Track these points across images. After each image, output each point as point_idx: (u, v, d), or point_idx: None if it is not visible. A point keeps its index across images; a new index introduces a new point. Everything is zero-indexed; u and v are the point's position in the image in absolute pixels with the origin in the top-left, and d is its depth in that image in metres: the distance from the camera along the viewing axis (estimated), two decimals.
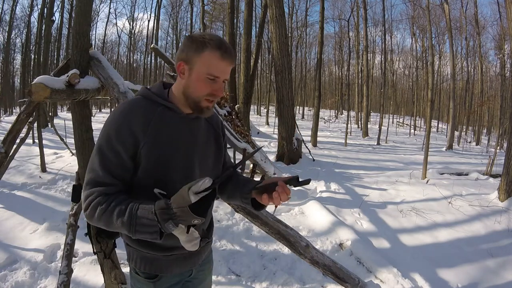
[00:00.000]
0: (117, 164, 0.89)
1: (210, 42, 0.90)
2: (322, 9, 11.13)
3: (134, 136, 0.90)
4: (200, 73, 0.92)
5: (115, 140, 0.89)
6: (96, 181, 0.89)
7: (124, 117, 0.91)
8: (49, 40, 14.33)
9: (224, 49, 0.91)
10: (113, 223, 0.84)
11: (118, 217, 0.83)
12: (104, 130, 0.92)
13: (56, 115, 15.91)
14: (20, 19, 21.56)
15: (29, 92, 2.30)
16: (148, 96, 0.98)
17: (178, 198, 0.79)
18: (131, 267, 1.06)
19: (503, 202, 4.28)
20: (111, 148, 0.89)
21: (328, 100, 30.66)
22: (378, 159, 8.55)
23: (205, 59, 0.90)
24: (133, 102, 0.97)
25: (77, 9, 2.76)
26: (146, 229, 0.81)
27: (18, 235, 3.19)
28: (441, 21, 19.21)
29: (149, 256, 1.01)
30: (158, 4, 22.31)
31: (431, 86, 7.24)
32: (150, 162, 0.92)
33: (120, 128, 0.90)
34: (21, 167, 5.64)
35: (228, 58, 0.92)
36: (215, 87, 0.94)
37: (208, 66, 0.91)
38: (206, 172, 1.04)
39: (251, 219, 2.18)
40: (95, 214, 0.86)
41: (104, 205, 0.85)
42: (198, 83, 0.93)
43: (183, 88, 0.96)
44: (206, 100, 0.95)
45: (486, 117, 18.45)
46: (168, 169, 0.94)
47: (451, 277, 2.73)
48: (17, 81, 26.50)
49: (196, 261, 1.10)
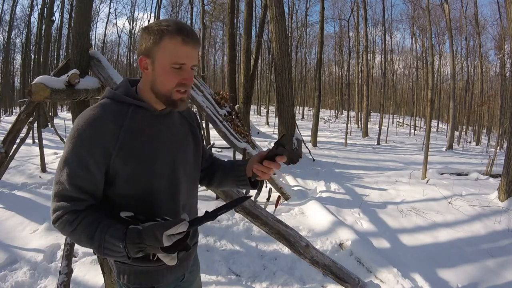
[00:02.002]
0: (85, 178, 0.82)
1: (168, 28, 0.82)
2: (322, 9, 11.13)
3: (104, 147, 0.82)
4: (164, 64, 0.84)
5: (83, 153, 0.81)
6: (63, 194, 0.82)
7: (92, 125, 0.82)
8: (49, 40, 14.33)
9: (185, 33, 0.83)
10: (82, 243, 0.82)
11: (87, 240, 0.80)
12: (71, 140, 0.82)
13: (56, 115, 15.90)
14: (20, 19, 21.57)
15: (29, 92, 2.30)
16: (115, 98, 0.89)
17: (151, 236, 0.73)
18: (121, 284, 0.97)
19: (503, 202, 4.28)
20: (78, 161, 0.81)
21: (328, 100, 30.66)
22: (378, 159, 8.55)
23: (166, 47, 0.82)
24: (99, 107, 0.86)
25: (77, 9, 2.76)
26: (115, 254, 0.79)
27: (18, 235, 3.19)
28: (441, 21, 19.22)
29: (142, 269, 0.94)
30: (158, 4, 22.25)
31: (431, 86, 7.24)
32: (128, 170, 0.85)
33: (88, 139, 0.81)
34: (21, 167, 5.64)
35: (191, 41, 0.84)
36: (184, 75, 0.85)
37: (171, 55, 0.83)
38: (188, 166, 1.00)
39: (251, 219, 2.18)
40: (63, 230, 0.82)
41: (72, 224, 0.80)
42: (164, 75, 0.85)
43: (151, 84, 0.88)
44: (177, 92, 0.87)
45: (486, 117, 18.45)
46: (150, 176, 0.88)
47: (451, 277, 2.73)
48: (17, 81, 26.51)
49: (188, 264, 1.08)
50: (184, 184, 0.98)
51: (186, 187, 1.00)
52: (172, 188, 0.94)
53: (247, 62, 10.10)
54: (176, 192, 0.95)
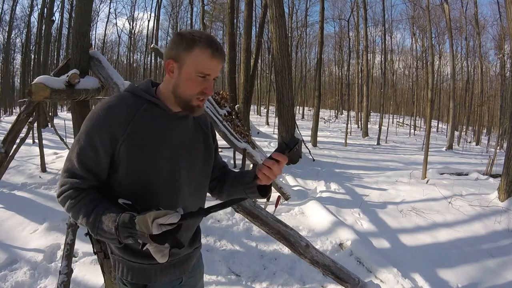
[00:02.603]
0: (92, 158, 0.88)
1: (201, 40, 0.88)
2: (322, 9, 11.13)
3: (112, 132, 0.87)
4: (190, 71, 0.89)
5: (93, 134, 0.87)
6: (72, 171, 0.89)
7: (106, 111, 0.89)
8: (49, 40, 14.32)
9: (215, 47, 0.89)
10: (79, 219, 0.86)
11: (84, 216, 0.85)
12: (86, 122, 0.90)
13: (56, 115, 15.90)
14: (20, 19, 21.57)
15: (29, 92, 2.30)
16: (135, 92, 0.95)
17: (142, 221, 0.76)
18: (117, 278, 1.01)
19: (503, 202, 4.28)
20: (88, 141, 0.87)
21: (328, 100, 30.65)
22: (378, 159, 8.55)
23: (195, 57, 0.88)
24: (119, 97, 0.94)
25: (77, 9, 2.77)
26: (106, 235, 0.82)
27: (18, 235, 3.19)
28: (441, 21, 19.20)
29: (136, 265, 0.96)
30: (158, 4, 22.31)
31: (431, 86, 7.24)
32: (131, 162, 0.89)
33: (99, 123, 0.87)
34: (21, 167, 5.64)
35: (219, 56, 0.90)
36: (206, 85, 0.91)
37: (199, 64, 0.88)
38: (194, 172, 1.01)
39: (251, 219, 2.18)
40: (65, 205, 0.88)
41: (74, 200, 0.86)
42: (188, 81, 0.90)
43: (173, 87, 0.93)
44: (197, 99, 0.92)
45: (486, 117, 18.47)
46: (151, 169, 0.91)
47: (451, 277, 2.73)
48: (17, 81, 26.49)
49: (185, 268, 1.07)
50: (186, 187, 0.98)
51: (189, 191, 1.00)
52: (172, 188, 0.95)
53: (247, 62, 10.11)
54: (175, 193, 0.96)
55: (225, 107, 6.37)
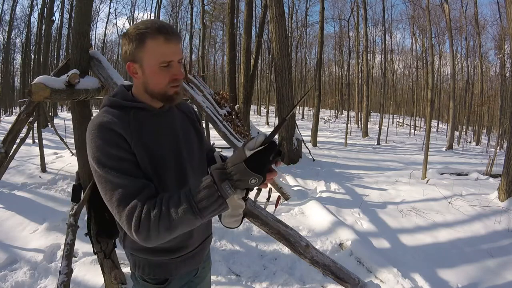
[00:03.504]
0: (128, 166, 0.82)
1: (148, 30, 0.84)
2: (322, 9, 11.13)
3: (122, 137, 0.84)
4: (152, 66, 0.86)
5: (110, 150, 0.81)
6: (125, 196, 0.78)
7: (103, 129, 0.83)
8: (49, 40, 14.31)
9: (165, 31, 0.84)
10: (174, 219, 0.74)
11: (176, 209, 0.74)
12: (90, 151, 0.82)
13: (56, 115, 15.90)
14: (20, 19, 21.58)
15: (29, 92, 2.30)
16: (115, 104, 0.91)
17: (233, 157, 0.73)
18: (137, 275, 1.02)
19: (503, 202, 4.28)
20: (109, 159, 0.80)
21: (328, 100, 30.64)
22: (378, 159, 8.55)
23: (150, 49, 0.84)
24: (103, 115, 0.87)
25: (77, 9, 2.76)
26: (207, 201, 0.73)
27: (18, 235, 3.19)
28: (441, 21, 19.21)
29: (156, 261, 0.99)
30: (158, 4, 22.27)
31: (431, 86, 7.24)
32: (142, 167, 0.86)
33: (106, 139, 0.82)
34: (21, 167, 5.64)
35: (173, 37, 0.85)
36: (173, 72, 0.88)
37: (157, 55, 0.85)
38: (195, 159, 1.03)
39: (251, 219, 2.18)
40: (150, 223, 0.75)
41: (155, 209, 0.75)
42: (155, 76, 0.87)
43: (144, 87, 0.91)
44: (171, 87, 0.90)
45: (486, 117, 18.46)
46: (161, 168, 0.91)
47: (451, 277, 2.73)
48: (17, 81, 26.50)
49: (201, 258, 1.09)
50: (191, 176, 1.00)
51: (194, 179, 1.01)
52: (181, 181, 0.96)
53: (247, 62, 10.10)
54: (185, 184, 0.97)
55: (225, 107, 6.37)
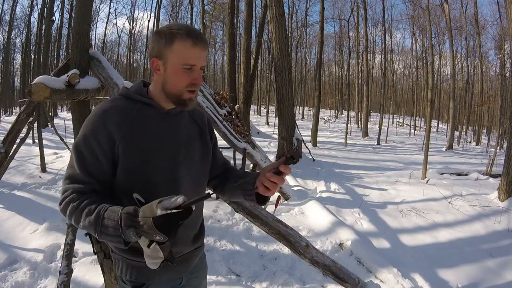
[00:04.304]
0: (92, 162, 0.88)
1: (179, 32, 0.88)
2: (322, 9, 11.14)
3: (109, 135, 0.88)
4: (175, 65, 0.89)
5: (90, 139, 0.88)
6: (73, 177, 0.89)
7: (100, 115, 0.90)
8: (49, 40, 14.32)
9: (195, 36, 0.89)
10: (81, 221, 0.83)
11: (86, 216, 0.82)
12: (82, 128, 0.92)
13: (56, 115, 15.90)
14: (20, 19, 21.58)
15: (29, 92, 2.30)
16: (126, 95, 0.96)
17: (146, 208, 0.76)
18: (117, 276, 1.02)
19: (503, 202, 4.28)
20: (87, 146, 0.88)
21: (328, 100, 30.63)
22: (378, 159, 8.55)
23: (177, 49, 0.88)
24: (112, 100, 0.96)
25: (77, 9, 2.76)
26: (110, 232, 0.78)
27: (18, 235, 3.19)
28: (441, 21, 19.19)
29: (135, 263, 0.96)
30: (158, 4, 22.27)
31: (431, 86, 7.24)
32: (128, 161, 0.89)
33: (95, 127, 0.89)
34: (21, 167, 5.64)
35: (200, 43, 0.90)
36: (194, 76, 0.91)
37: (182, 56, 0.88)
38: (193, 168, 1.01)
39: (251, 219, 2.18)
40: (67, 210, 0.86)
41: (76, 203, 0.85)
42: (175, 76, 0.90)
43: (162, 85, 0.93)
44: (187, 91, 0.92)
45: (486, 117, 18.45)
46: (150, 169, 0.91)
47: (451, 277, 2.73)
48: (17, 81, 26.49)
49: (185, 268, 1.06)
50: (186, 183, 0.98)
51: (189, 187, 0.99)
52: (172, 184, 0.95)
53: (247, 62, 10.10)
54: (175, 190, 0.94)
55: (225, 107, 6.36)
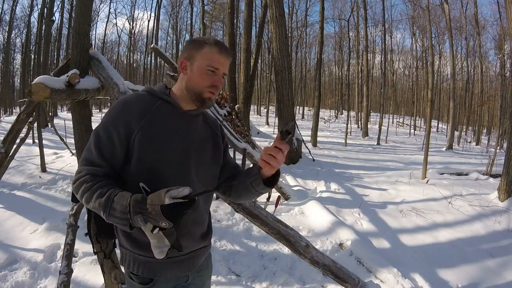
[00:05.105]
0: (108, 147, 0.95)
1: (209, 40, 1.02)
2: (322, 9, 11.14)
3: (128, 124, 0.95)
4: (201, 66, 1.00)
5: (110, 125, 0.95)
6: (89, 159, 0.95)
7: (123, 106, 0.99)
8: (49, 40, 14.31)
9: (221, 45, 1.02)
10: (92, 202, 0.89)
11: (97, 198, 0.88)
12: (104, 116, 1.00)
13: (56, 115, 15.90)
14: (20, 19, 21.60)
15: (29, 92, 2.30)
16: (149, 91, 1.06)
17: (154, 196, 0.83)
18: (125, 271, 1.05)
19: (503, 202, 4.28)
20: (105, 132, 0.95)
21: (328, 100, 30.63)
22: (378, 159, 8.55)
23: (205, 53, 1.00)
24: (136, 95, 1.05)
25: (77, 9, 2.76)
26: (118, 215, 0.84)
27: (18, 235, 3.19)
28: (441, 21, 19.20)
29: (142, 258, 0.99)
30: (158, 4, 22.30)
31: (431, 86, 7.24)
32: (142, 152, 0.95)
33: (116, 115, 0.97)
34: (21, 167, 5.64)
35: (226, 53, 1.02)
36: (216, 79, 1.01)
37: (208, 59, 1.00)
38: (203, 169, 1.05)
39: (251, 219, 2.18)
40: (80, 189, 0.92)
41: (90, 184, 0.91)
42: (199, 75, 1.00)
43: (186, 83, 1.02)
44: (208, 91, 1.01)
45: (486, 117, 18.45)
46: (161, 162, 0.97)
47: (451, 277, 2.73)
48: (17, 81, 26.50)
49: (192, 265, 1.08)
50: (195, 182, 1.01)
51: (198, 188, 0.99)
52: (181, 181, 0.94)
53: (247, 62, 10.10)
54: (184, 184, 0.94)
55: (225, 107, 6.36)
